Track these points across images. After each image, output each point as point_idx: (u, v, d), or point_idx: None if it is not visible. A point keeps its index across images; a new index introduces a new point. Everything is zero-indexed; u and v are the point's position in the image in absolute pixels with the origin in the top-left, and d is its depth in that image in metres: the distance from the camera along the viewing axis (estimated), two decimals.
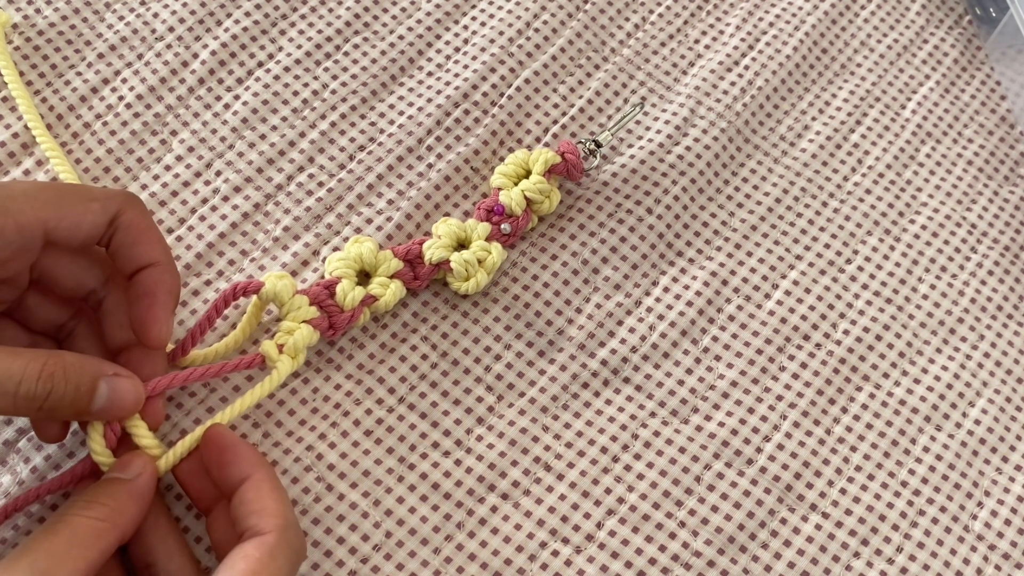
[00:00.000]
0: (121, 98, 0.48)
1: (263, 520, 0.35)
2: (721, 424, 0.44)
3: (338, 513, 0.41)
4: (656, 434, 0.44)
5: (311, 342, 0.42)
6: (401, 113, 0.50)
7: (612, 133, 0.49)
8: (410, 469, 0.42)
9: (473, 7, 0.54)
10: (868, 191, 0.51)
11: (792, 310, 0.47)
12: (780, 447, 0.44)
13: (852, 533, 0.42)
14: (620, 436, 0.43)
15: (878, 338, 0.47)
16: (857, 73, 0.55)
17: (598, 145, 0.48)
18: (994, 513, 0.44)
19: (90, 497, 0.35)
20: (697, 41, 0.55)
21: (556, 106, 0.51)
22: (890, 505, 0.43)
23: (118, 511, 0.35)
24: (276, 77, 0.50)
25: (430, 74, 0.51)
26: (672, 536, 0.41)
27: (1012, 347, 0.48)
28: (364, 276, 0.44)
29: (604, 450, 0.43)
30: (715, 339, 0.46)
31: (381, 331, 0.45)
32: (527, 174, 0.47)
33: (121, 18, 0.50)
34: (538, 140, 0.50)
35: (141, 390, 0.37)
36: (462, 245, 0.46)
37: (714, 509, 0.42)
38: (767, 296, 0.47)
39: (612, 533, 0.41)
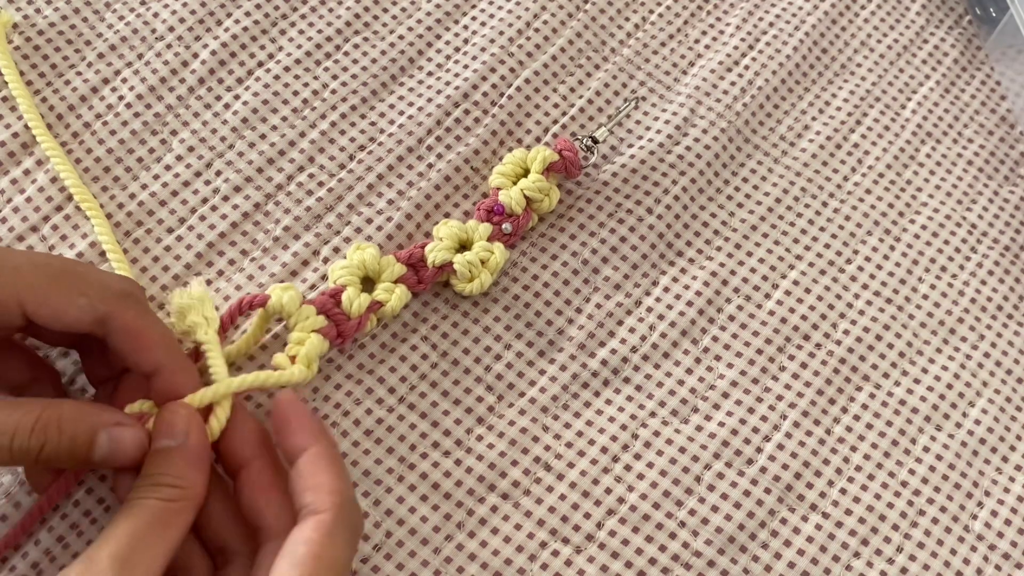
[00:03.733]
0: (121, 98, 0.48)
1: (319, 497, 0.35)
2: (721, 424, 0.44)
3: None
4: (656, 434, 0.44)
5: (322, 351, 0.42)
6: (401, 113, 0.50)
7: (608, 129, 0.49)
8: (410, 469, 0.42)
9: (473, 7, 0.54)
10: (868, 191, 0.51)
11: (792, 310, 0.47)
12: (780, 447, 0.44)
13: (852, 533, 0.42)
14: (620, 436, 0.43)
15: (878, 338, 0.47)
16: (857, 73, 0.55)
17: (595, 141, 0.48)
18: (994, 513, 0.44)
19: (153, 478, 0.35)
20: (697, 41, 0.55)
21: (556, 106, 0.51)
22: (890, 505, 0.43)
23: (186, 484, 0.35)
24: (276, 77, 0.50)
25: (430, 74, 0.51)
26: (672, 536, 0.41)
27: (1012, 347, 0.48)
28: (368, 282, 0.44)
29: (604, 450, 0.43)
30: (715, 339, 0.46)
31: (381, 331, 0.45)
32: (525, 173, 0.47)
33: (121, 18, 0.50)
34: (538, 140, 0.50)
35: (143, 438, 0.36)
36: (464, 246, 0.46)
37: (714, 509, 0.42)
38: (767, 296, 0.47)
39: (612, 533, 0.41)
